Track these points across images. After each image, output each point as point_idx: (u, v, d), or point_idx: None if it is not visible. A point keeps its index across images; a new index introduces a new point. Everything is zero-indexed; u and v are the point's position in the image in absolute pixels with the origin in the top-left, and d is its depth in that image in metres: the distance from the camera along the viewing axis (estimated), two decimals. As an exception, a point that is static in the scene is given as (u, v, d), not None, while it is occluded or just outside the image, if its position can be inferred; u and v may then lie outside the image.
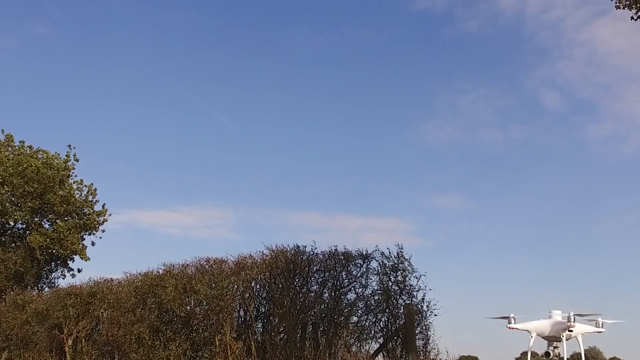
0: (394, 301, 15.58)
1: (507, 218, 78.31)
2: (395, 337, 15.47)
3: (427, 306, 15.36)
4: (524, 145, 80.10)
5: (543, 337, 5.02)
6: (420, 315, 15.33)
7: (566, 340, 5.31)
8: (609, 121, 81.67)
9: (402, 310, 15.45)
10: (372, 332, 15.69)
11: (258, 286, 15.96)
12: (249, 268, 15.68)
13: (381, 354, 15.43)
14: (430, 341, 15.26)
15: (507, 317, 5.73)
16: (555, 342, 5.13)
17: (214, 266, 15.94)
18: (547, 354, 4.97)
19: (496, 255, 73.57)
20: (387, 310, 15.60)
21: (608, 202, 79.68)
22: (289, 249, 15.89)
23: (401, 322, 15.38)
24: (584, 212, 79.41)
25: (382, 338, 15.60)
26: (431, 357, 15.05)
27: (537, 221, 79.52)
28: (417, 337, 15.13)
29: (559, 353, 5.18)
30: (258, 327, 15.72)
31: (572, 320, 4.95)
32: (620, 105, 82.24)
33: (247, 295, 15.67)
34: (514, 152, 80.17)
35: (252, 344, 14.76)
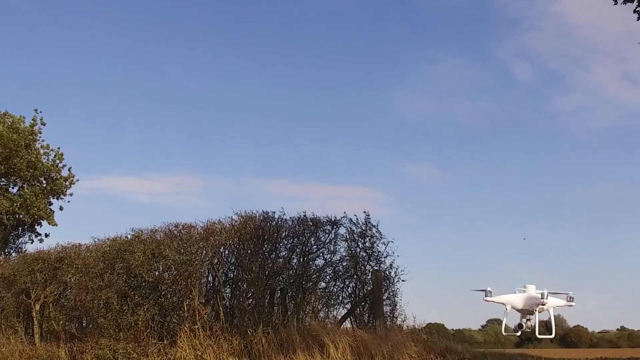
0: (362, 267, 15.73)
1: (476, 188, 79.18)
2: (363, 303, 15.64)
3: (395, 272, 15.56)
4: (494, 116, 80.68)
5: (517, 310, 5.21)
6: (387, 282, 15.52)
7: (538, 313, 5.51)
8: (577, 93, 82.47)
9: (369, 277, 15.61)
10: (340, 298, 15.87)
11: (227, 252, 16.00)
12: (217, 234, 15.70)
13: (349, 319, 15.59)
14: (397, 307, 15.49)
15: (484, 290, 5.92)
16: (528, 315, 5.31)
17: (182, 232, 15.93)
18: (520, 325, 5.14)
19: (464, 223, 74.44)
20: (355, 277, 15.76)
21: (576, 172, 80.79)
22: (257, 215, 15.93)
23: (369, 288, 15.54)
24: (553, 182, 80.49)
25: (349, 304, 15.76)
26: (398, 323, 15.25)
27: (505, 191, 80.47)
28: (384, 303, 15.31)
29: (531, 325, 5.36)
30: (226, 293, 15.79)
31: (546, 297, 5.10)
32: (588, 78, 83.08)
33: (216, 260, 15.70)
34: (484, 123, 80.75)
35: (221, 309, 14.82)
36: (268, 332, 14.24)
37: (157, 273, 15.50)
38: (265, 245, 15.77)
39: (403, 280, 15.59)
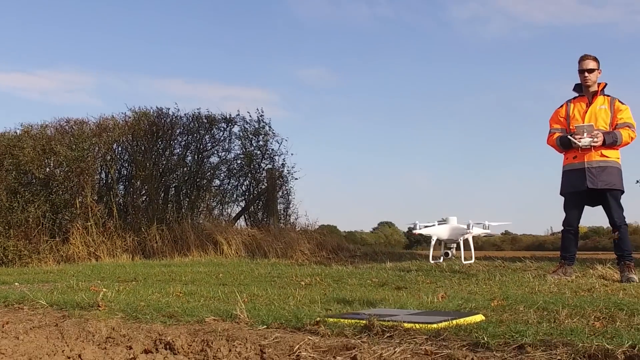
0: (256, 165, 15.90)
1: (370, 93, 79.08)
2: (257, 201, 15.90)
3: (289, 171, 15.80)
4: (390, 22, 79.65)
5: (443, 240, 5.48)
6: (281, 180, 15.77)
7: (462, 241, 5.88)
8: (473, 2, 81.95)
9: (264, 175, 15.82)
10: (235, 196, 16.10)
11: (120, 148, 15.84)
12: (110, 130, 15.45)
13: (243, 216, 15.88)
14: (291, 205, 15.83)
15: (414, 224, 6.18)
16: (452, 244, 5.62)
17: (74, 127, 15.59)
18: (446, 254, 5.43)
19: (357, 128, 74.79)
20: (250, 174, 15.94)
21: (469, 81, 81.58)
22: (151, 111, 15.73)
23: (263, 186, 15.77)
24: (446, 90, 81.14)
25: (244, 201, 16.01)
26: (291, 221, 15.64)
27: (399, 98, 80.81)
28: (278, 201, 15.62)
29: (455, 253, 5.71)
30: (120, 190, 15.74)
31: (471, 227, 5.40)
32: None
33: (109, 157, 15.55)
34: (380, 29, 79.69)
35: (114, 206, 14.81)
36: (162, 230, 14.37)
37: (48, 170, 15.22)
38: (160, 142, 15.67)
39: (296, 179, 15.88)
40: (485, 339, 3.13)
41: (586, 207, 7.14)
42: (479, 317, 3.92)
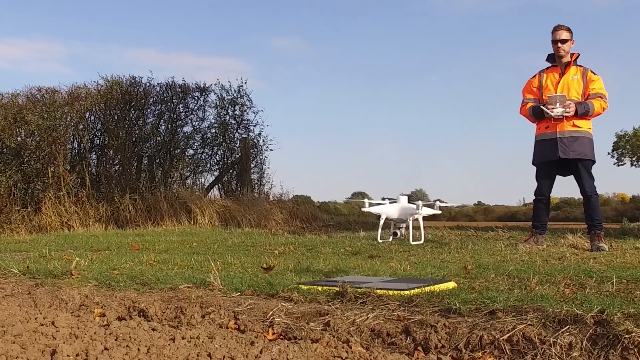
0: (231, 135, 15.84)
1: (343, 64, 78.74)
2: (231, 170, 15.86)
3: (263, 141, 15.76)
4: None
5: (392, 220, 5.47)
6: (256, 150, 15.73)
7: (412, 221, 5.86)
8: None
9: (238, 144, 15.76)
10: (208, 165, 16.03)
11: (92, 117, 15.63)
12: (83, 99, 15.24)
13: (216, 186, 15.83)
14: (265, 175, 15.81)
15: (362, 201, 6.16)
16: (402, 224, 5.61)
17: (46, 96, 15.37)
18: (394, 234, 5.42)
19: (329, 98, 74.65)
20: (224, 144, 15.87)
21: (442, 52, 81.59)
22: (124, 79, 15.55)
23: (237, 156, 15.71)
24: (418, 60, 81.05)
25: (217, 171, 15.95)
26: (265, 190, 15.62)
27: (371, 68, 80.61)
28: (252, 170, 15.59)
29: (405, 233, 5.72)
30: (92, 159, 15.57)
31: (421, 208, 5.40)
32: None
33: (81, 126, 15.36)
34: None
35: (87, 175, 14.67)
36: (135, 199, 14.28)
37: (19, 139, 15.03)
38: (133, 111, 15.52)
39: (271, 150, 15.84)
40: (457, 305, 3.17)
41: (558, 178, 7.20)
42: (451, 285, 3.96)
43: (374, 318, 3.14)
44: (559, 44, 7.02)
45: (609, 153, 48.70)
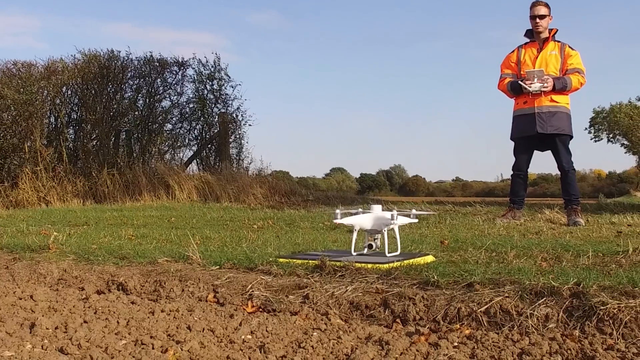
0: (209, 109, 15.75)
1: (320, 39, 78.60)
2: (210, 145, 15.79)
3: (242, 116, 15.70)
4: None
5: (365, 230, 5.42)
6: (234, 124, 15.67)
7: (387, 232, 5.82)
8: None
9: (216, 119, 15.69)
10: (187, 140, 15.96)
11: (70, 92, 15.48)
12: (60, 73, 15.11)
13: (195, 161, 15.77)
14: (243, 149, 15.76)
15: (334, 212, 6.14)
16: (376, 234, 5.58)
17: (22, 70, 15.18)
18: (369, 246, 5.37)
19: (307, 73, 74.55)
20: (202, 119, 15.79)
21: (420, 28, 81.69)
22: (102, 53, 15.40)
23: (215, 130, 15.65)
24: (396, 36, 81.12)
25: (196, 146, 15.88)
26: (244, 165, 15.58)
27: (349, 43, 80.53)
28: (230, 145, 15.53)
29: (379, 244, 5.68)
30: (70, 134, 15.46)
31: (396, 218, 5.37)
32: None
33: (58, 100, 15.22)
34: None
35: (64, 150, 14.56)
36: (113, 174, 14.20)
37: (-5, 113, 14.88)
38: (110, 86, 15.38)
39: (250, 125, 15.78)
40: (435, 277, 3.19)
41: (535, 154, 7.25)
42: (429, 258, 3.99)
43: (352, 291, 3.16)
44: (537, 20, 7.03)
45: (586, 128, 49.08)
